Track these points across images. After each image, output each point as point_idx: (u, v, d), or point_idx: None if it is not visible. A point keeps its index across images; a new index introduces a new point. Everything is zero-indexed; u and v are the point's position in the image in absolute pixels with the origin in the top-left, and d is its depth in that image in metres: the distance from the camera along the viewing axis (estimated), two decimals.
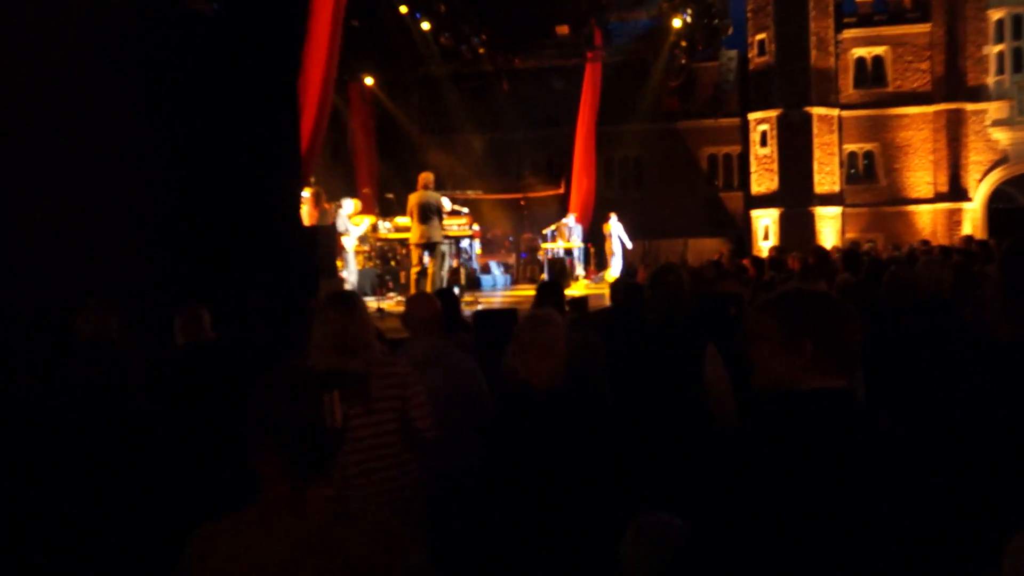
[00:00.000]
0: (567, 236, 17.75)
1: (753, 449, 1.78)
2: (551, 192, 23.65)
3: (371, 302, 12.18)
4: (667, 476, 3.33)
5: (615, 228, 19.59)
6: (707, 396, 3.48)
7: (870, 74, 24.73)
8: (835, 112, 23.96)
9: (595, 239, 21.67)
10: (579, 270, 17.89)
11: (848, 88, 24.58)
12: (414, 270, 10.87)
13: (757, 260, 9.00)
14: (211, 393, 3.41)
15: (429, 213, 10.68)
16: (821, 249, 9.24)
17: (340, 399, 1.76)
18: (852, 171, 24.86)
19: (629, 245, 19.83)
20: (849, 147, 24.59)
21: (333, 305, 3.05)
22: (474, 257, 17.82)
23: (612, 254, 19.34)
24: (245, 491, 1.75)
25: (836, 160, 23.91)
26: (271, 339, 4.61)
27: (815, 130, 23.52)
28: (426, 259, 11.10)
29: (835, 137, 23.90)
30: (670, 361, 3.56)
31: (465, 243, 14.85)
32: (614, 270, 18.40)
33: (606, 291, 8.98)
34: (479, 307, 10.98)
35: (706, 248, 24.09)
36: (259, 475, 1.73)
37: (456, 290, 12.76)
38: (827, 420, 1.77)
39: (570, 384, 3.03)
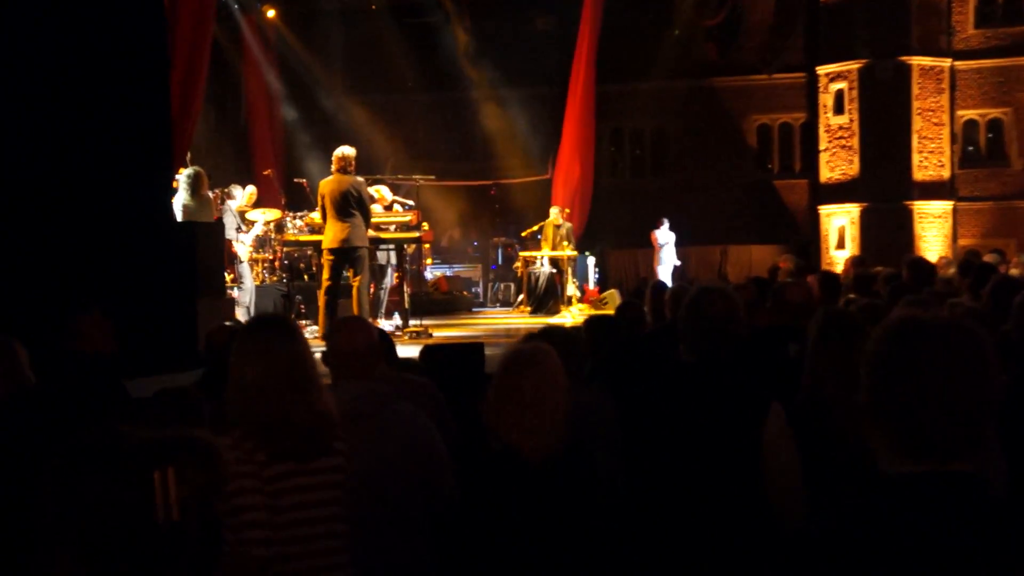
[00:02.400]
0: (553, 240, 17.78)
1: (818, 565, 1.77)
2: (533, 178, 23.71)
3: None
4: None
5: (665, 238, 20.28)
6: (766, 477, 3.44)
7: (1001, 6, 24.66)
8: (946, 63, 24.18)
9: (595, 244, 21.70)
10: (571, 289, 17.91)
11: (967, 27, 24.62)
12: (325, 288, 10.79)
13: (827, 277, 9.02)
14: (24, 467, 3.31)
15: (349, 207, 10.63)
16: (919, 260, 9.28)
17: (178, 480, 1.69)
18: (969, 149, 25.03)
19: (676, 261, 20.52)
20: (966, 114, 24.77)
21: (266, 331, 3.20)
22: (425, 269, 17.75)
23: (659, 266, 20.43)
24: None
25: (946, 133, 24.14)
26: (119, 388, 4.53)
27: (915, 89, 23.73)
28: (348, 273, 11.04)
29: (945, 99, 24.13)
30: (715, 426, 3.51)
31: (411, 249, 14.80)
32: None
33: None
34: (430, 340, 10.92)
35: (755, 258, 24.17)
36: None
37: (396, 318, 12.72)
38: (938, 520, 1.75)
39: (574, 453, 3.05)
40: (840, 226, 24.36)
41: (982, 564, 1.72)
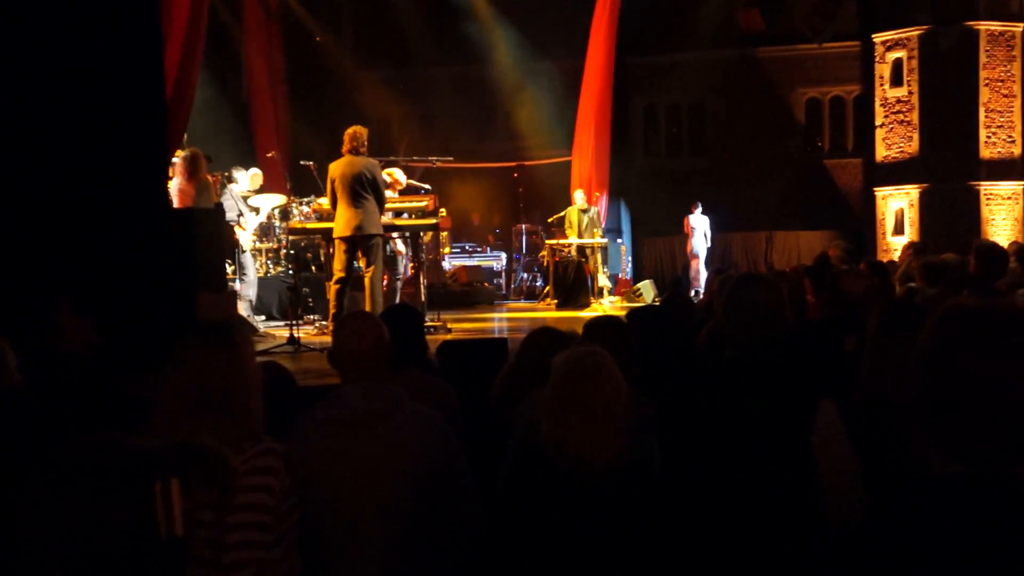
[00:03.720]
0: (579, 226, 17.75)
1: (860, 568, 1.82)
2: (561, 159, 23.64)
3: (280, 329, 12.16)
4: None
5: (699, 224, 20.78)
6: (819, 478, 3.43)
7: None
8: (1017, 28, 23.88)
9: (620, 231, 21.65)
10: (603, 280, 17.88)
11: None
12: (335, 279, 10.82)
13: (876, 265, 8.97)
14: (14, 472, 3.33)
15: (362, 191, 10.65)
16: (990, 246, 9.20)
17: (183, 492, 1.67)
18: None
19: (703, 249, 20.98)
20: None
21: (197, 342, 3.18)
22: (443, 259, 17.76)
23: (694, 257, 20.99)
24: None
25: (1017, 105, 23.90)
26: (114, 390, 4.53)
27: (983, 58, 23.51)
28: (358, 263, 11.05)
29: (1016, 68, 23.85)
30: (760, 428, 3.52)
31: (428, 237, 14.81)
32: (699, 281, 19.71)
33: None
34: (448, 336, 10.92)
35: (803, 245, 24.10)
36: None
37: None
38: (987, 524, 1.76)
39: (639, 460, 3.20)
40: (898, 209, 24.21)
41: None
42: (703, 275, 19.91)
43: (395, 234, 12.57)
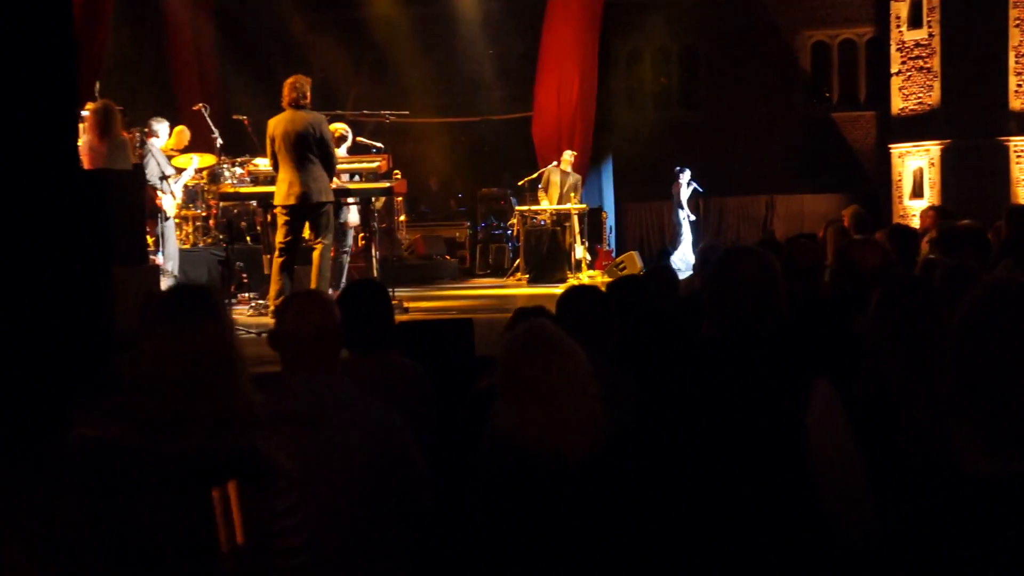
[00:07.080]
0: (557, 191, 17.73)
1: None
2: (532, 113, 23.63)
3: None
4: None
5: (687, 191, 21.21)
6: (817, 472, 3.45)
7: None
8: None
9: (612, 196, 21.67)
10: (580, 251, 17.91)
11: None
12: (277, 250, 10.73)
13: (900, 232, 8.99)
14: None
15: (307, 151, 10.56)
16: (1022, 209, 9.26)
17: (240, 497, 1.70)
18: None
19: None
20: None
21: (171, 310, 3.06)
22: (396, 228, 17.71)
23: (680, 226, 21.00)
24: None
25: None
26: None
27: None
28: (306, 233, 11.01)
29: None
30: (745, 415, 3.55)
31: (379, 203, 14.76)
32: (681, 251, 19.80)
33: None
34: (405, 317, 10.92)
35: (808, 210, 24.21)
36: None
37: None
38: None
39: (616, 450, 3.25)
40: (916, 169, 24.33)
41: None
42: (685, 248, 20.09)
43: (351, 200, 12.46)
